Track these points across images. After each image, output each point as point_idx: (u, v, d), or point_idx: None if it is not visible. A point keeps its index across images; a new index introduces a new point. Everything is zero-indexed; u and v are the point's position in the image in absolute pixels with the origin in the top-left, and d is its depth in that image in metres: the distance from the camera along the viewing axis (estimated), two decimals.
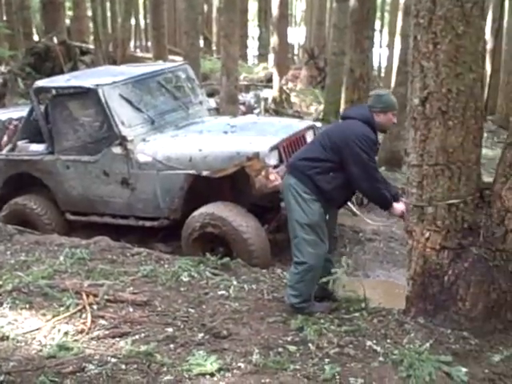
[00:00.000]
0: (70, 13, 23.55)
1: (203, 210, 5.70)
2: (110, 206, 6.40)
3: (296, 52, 32.72)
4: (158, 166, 5.99)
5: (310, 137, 6.30)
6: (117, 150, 6.14)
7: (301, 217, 4.25)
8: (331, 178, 4.23)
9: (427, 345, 3.72)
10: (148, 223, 6.20)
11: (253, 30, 32.23)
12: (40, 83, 6.80)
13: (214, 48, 28.85)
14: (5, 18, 20.10)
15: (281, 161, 5.81)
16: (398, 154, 9.43)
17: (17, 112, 7.41)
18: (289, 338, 4.05)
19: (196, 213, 5.72)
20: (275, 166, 5.71)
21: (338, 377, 3.53)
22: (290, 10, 27.29)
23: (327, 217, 4.36)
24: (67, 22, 21.38)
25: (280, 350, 3.89)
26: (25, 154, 6.80)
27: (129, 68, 7.46)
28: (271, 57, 20.40)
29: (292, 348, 3.91)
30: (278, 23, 17.44)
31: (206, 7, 29.66)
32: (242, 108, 11.50)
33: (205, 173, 5.74)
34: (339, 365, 3.65)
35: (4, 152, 6.93)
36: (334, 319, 4.30)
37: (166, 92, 6.79)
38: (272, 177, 5.53)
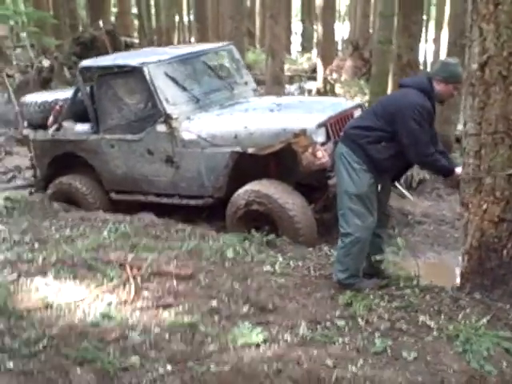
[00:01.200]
0: (114, 9, 23.81)
1: (248, 187, 5.59)
2: (155, 184, 6.35)
3: (340, 48, 32.37)
4: (202, 143, 5.90)
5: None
6: (161, 128, 6.08)
7: (350, 187, 4.10)
8: (382, 147, 4.07)
9: (484, 320, 3.54)
10: (192, 202, 6.12)
11: (296, 25, 31.93)
12: (86, 63, 6.79)
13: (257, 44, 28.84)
14: (51, 13, 20.39)
15: (328, 138, 5.64)
16: (448, 138, 9.14)
17: (63, 93, 7.43)
18: (337, 313, 3.91)
19: (241, 190, 5.62)
20: (322, 144, 5.55)
21: (389, 350, 3.39)
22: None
23: (379, 188, 4.20)
24: (112, 18, 21.63)
25: (328, 324, 3.77)
26: (70, 134, 6.81)
27: (173, 49, 7.41)
28: (315, 51, 20.25)
29: (340, 323, 3.78)
30: (322, 13, 17.19)
31: (248, 2, 29.53)
32: None
33: (250, 150, 5.62)
34: (390, 339, 3.51)
35: (50, 132, 6.95)
36: (384, 295, 4.13)
37: (210, 72, 6.70)
38: (319, 154, 5.38)
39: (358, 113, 6.19)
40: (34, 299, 4.00)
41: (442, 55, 14.82)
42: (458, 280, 4.11)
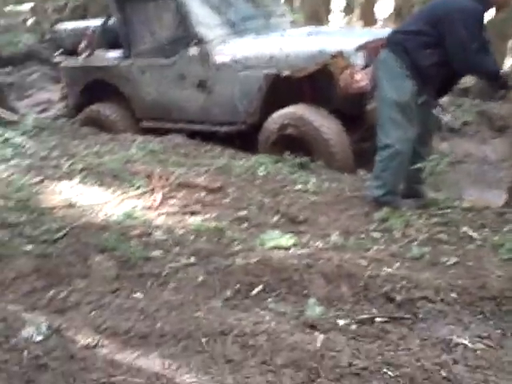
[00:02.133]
0: None
1: (283, 111, 5.37)
2: (186, 111, 6.16)
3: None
4: (236, 66, 5.67)
5: None
6: (194, 51, 5.87)
7: (390, 94, 3.84)
8: (429, 53, 3.78)
9: None
10: (224, 128, 5.91)
11: None
12: None
13: None
14: None
15: (367, 64, 5.36)
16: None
17: (95, 21, 7.27)
18: (371, 227, 3.69)
19: (275, 114, 5.40)
20: (362, 68, 5.27)
21: (427, 256, 3.16)
22: None
23: (421, 100, 3.93)
24: None
25: (362, 235, 3.55)
26: (101, 60, 6.65)
27: None
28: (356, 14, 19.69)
29: (375, 234, 3.56)
30: None
31: None
32: None
33: (286, 72, 5.37)
34: (429, 246, 3.28)
35: (81, 58, 6.80)
36: (423, 214, 3.88)
37: None
38: (358, 76, 5.11)
39: None
40: (57, 199, 3.89)
41: None
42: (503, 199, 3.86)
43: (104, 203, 3.88)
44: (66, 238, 3.17)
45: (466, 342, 2.41)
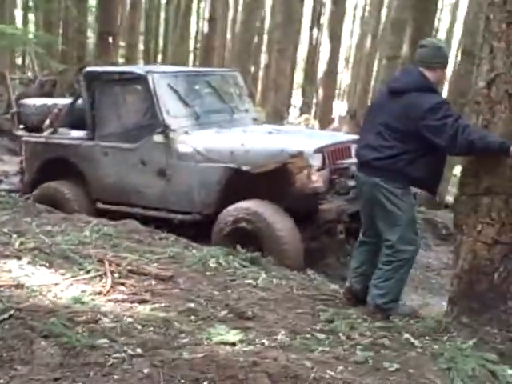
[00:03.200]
0: (122, 43, 24.16)
1: (239, 204, 5.50)
2: (144, 196, 6.25)
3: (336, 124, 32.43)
4: (197, 157, 5.84)
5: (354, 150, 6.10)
6: (158, 138, 6.03)
7: (397, 215, 3.83)
8: (423, 163, 3.77)
9: (470, 343, 3.39)
10: (180, 216, 6.00)
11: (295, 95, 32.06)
12: (90, 69, 6.80)
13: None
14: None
15: (324, 166, 5.60)
16: (440, 196, 9.15)
17: (63, 100, 7.42)
18: (317, 327, 3.75)
19: (230, 207, 5.52)
20: (318, 170, 5.50)
21: (370, 361, 3.22)
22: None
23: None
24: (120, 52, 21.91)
25: (308, 335, 3.60)
26: (64, 138, 6.74)
27: (180, 67, 7.45)
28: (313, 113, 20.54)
29: (321, 335, 3.62)
30: (325, 77, 17.47)
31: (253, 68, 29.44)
32: None
33: (245, 167, 5.55)
34: (372, 351, 3.35)
35: (44, 134, 6.88)
36: (368, 317, 3.98)
37: (213, 93, 6.72)
38: (314, 177, 5.33)
39: (355, 147, 6.17)
40: (5, 278, 3.84)
41: None
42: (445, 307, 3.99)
43: (53, 285, 3.84)
44: (10, 320, 3.11)
45: None
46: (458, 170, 9.54)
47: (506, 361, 3.27)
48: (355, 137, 6.70)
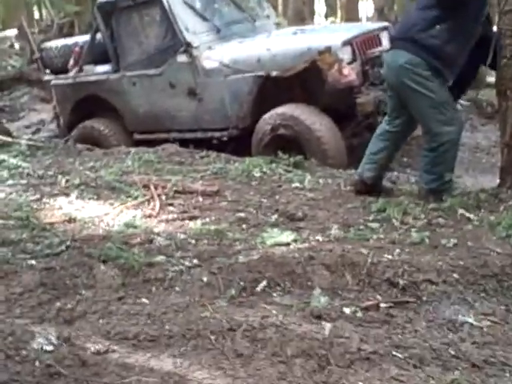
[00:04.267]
0: None
1: (273, 112, 5.41)
2: (178, 120, 6.21)
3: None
4: (225, 71, 5.73)
5: (384, 38, 5.87)
6: (182, 58, 5.92)
7: (430, 98, 3.71)
8: (438, 31, 3.63)
9: None
10: (217, 134, 5.96)
11: None
12: (103, 0, 6.65)
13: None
14: None
15: (354, 58, 5.42)
16: (479, 74, 8.80)
17: (82, 37, 7.33)
18: (370, 218, 3.72)
19: (266, 115, 5.45)
20: (349, 63, 5.33)
21: (427, 240, 3.19)
22: None
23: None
24: None
25: (361, 227, 3.58)
26: (91, 76, 6.70)
27: None
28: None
29: (374, 225, 3.59)
30: None
31: None
32: None
33: (274, 73, 5.42)
34: (428, 231, 3.32)
35: (71, 75, 6.84)
36: (420, 201, 3.91)
37: (230, 3, 6.52)
38: (346, 71, 5.16)
39: (384, 35, 5.95)
40: (57, 215, 3.91)
41: None
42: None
43: (103, 215, 3.89)
44: (68, 251, 3.18)
45: (471, 320, 2.45)
46: None
47: None
48: (383, 24, 6.46)
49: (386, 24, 6.34)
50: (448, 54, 3.69)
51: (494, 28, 3.81)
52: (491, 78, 8.77)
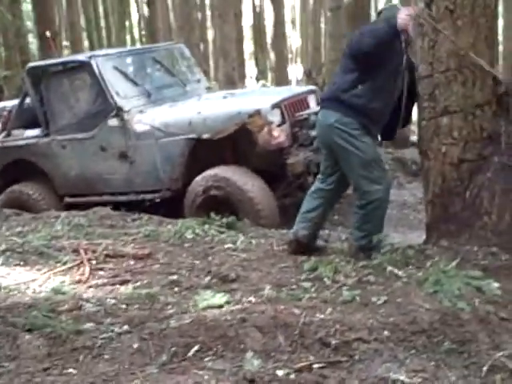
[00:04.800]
0: (66, 43, 23.65)
1: (205, 173, 5.45)
2: (109, 183, 6.16)
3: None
4: (156, 134, 5.76)
5: (312, 101, 6.07)
6: (113, 122, 5.93)
7: (358, 156, 3.81)
8: (361, 90, 3.77)
9: (453, 264, 3.41)
10: (149, 196, 5.94)
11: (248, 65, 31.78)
12: (33, 64, 6.63)
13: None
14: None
15: (284, 120, 5.56)
16: (403, 134, 9.16)
17: (10, 102, 7.24)
18: (302, 277, 3.74)
19: (198, 177, 5.48)
20: (278, 125, 5.46)
21: (358, 298, 3.23)
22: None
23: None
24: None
25: (293, 286, 3.59)
26: (20, 140, 6.59)
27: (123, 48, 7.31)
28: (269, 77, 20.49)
29: (306, 284, 3.60)
30: (274, 41, 17.36)
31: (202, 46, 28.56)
32: None
33: (205, 136, 5.49)
34: (359, 289, 3.36)
35: None
36: (350, 259, 3.99)
37: (161, 68, 6.62)
38: (275, 133, 5.29)
39: (312, 98, 6.15)
40: None
41: None
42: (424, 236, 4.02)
43: (30, 282, 3.77)
44: None
45: (402, 377, 2.46)
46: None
47: (490, 275, 3.30)
48: (311, 87, 6.69)
49: (313, 87, 6.57)
50: (373, 110, 3.81)
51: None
52: (415, 137, 9.20)
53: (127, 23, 24.52)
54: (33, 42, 22.79)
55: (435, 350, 2.69)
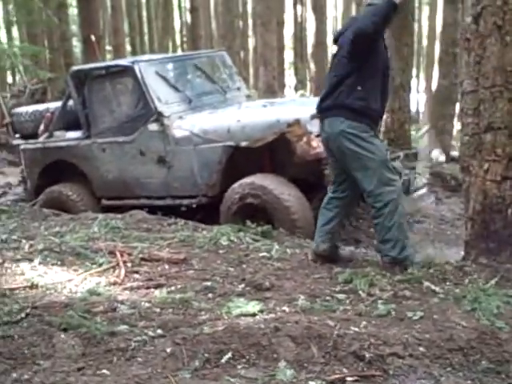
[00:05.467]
0: (109, 47, 24.04)
1: (242, 181, 5.46)
2: (147, 187, 6.21)
3: None
4: (195, 140, 5.79)
5: None
6: (153, 127, 5.99)
7: (370, 159, 3.82)
8: (360, 91, 3.79)
9: (492, 282, 3.36)
10: (186, 201, 5.97)
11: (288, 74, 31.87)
12: (77, 67, 6.75)
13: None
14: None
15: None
16: (444, 149, 9.06)
17: (54, 103, 7.38)
18: (337, 289, 3.71)
19: (235, 185, 5.48)
20: (317, 136, 5.43)
21: (393, 312, 3.19)
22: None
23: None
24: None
25: (328, 298, 3.56)
26: (61, 141, 6.71)
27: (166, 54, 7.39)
28: (308, 88, 20.46)
29: (341, 296, 3.58)
30: (314, 50, 17.34)
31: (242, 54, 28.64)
32: None
33: (244, 143, 5.51)
34: (394, 303, 3.32)
35: (41, 140, 6.85)
36: (386, 272, 3.94)
37: (202, 75, 6.66)
38: (314, 143, 5.26)
39: None
40: (18, 280, 3.82)
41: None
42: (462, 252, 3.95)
43: (67, 282, 3.82)
44: (28, 319, 3.10)
45: None
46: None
47: None
48: None
49: None
50: (375, 112, 3.90)
51: None
52: (455, 153, 9.09)
53: (170, 29, 24.75)
54: (77, 45, 23.28)
55: (472, 369, 2.64)
